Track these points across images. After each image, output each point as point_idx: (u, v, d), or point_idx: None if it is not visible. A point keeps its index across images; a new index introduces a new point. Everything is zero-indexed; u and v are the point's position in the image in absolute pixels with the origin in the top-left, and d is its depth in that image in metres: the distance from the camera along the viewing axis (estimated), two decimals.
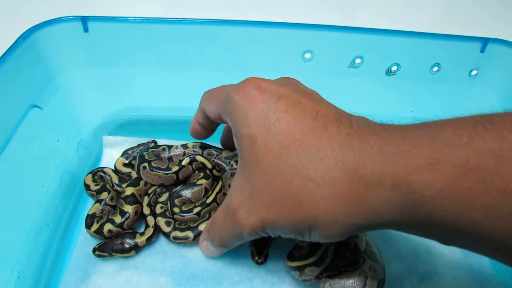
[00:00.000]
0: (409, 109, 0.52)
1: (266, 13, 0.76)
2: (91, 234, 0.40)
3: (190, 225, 0.40)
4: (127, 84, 0.48)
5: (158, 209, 0.42)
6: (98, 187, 0.44)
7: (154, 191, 0.43)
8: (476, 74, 0.47)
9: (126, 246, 0.39)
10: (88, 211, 0.42)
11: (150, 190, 0.43)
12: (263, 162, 0.27)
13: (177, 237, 0.39)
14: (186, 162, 0.43)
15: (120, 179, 0.45)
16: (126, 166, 0.46)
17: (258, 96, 0.28)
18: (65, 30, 0.41)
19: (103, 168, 0.46)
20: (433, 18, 0.81)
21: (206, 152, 0.45)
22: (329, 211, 0.24)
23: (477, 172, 0.19)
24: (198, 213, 0.41)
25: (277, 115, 0.27)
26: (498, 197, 0.18)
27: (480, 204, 0.19)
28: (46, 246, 0.40)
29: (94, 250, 0.39)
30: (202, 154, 0.45)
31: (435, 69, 0.47)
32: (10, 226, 0.36)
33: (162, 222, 0.40)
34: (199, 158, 0.43)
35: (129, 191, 0.42)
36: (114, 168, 0.46)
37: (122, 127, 0.52)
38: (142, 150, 0.46)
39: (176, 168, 0.42)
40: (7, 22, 0.66)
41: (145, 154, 0.44)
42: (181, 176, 0.43)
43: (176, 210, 0.41)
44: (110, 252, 0.39)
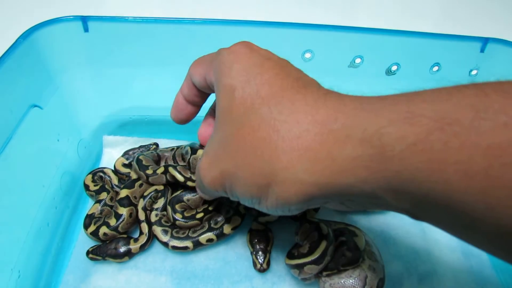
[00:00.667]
0: None
1: (266, 13, 0.76)
2: (88, 235, 0.40)
3: (189, 234, 0.39)
4: (127, 84, 0.48)
5: (153, 217, 0.41)
6: (97, 188, 0.44)
7: (149, 194, 0.42)
8: (476, 74, 0.47)
9: (120, 251, 0.38)
10: (87, 211, 0.42)
11: (146, 193, 0.42)
12: (235, 111, 0.26)
13: (176, 246, 0.39)
14: (160, 171, 0.41)
15: (119, 180, 0.45)
16: (125, 166, 0.46)
17: (247, 53, 0.27)
18: (65, 30, 0.41)
19: (103, 168, 0.46)
20: (433, 18, 0.81)
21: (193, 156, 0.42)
22: (289, 167, 0.23)
23: (453, 125, 0.18)
24: (201, 219, 0.40)
25: (260, 70, 0.26)
26: (472, 153, 0.17)
27: (453, 160, 0.17)
28: (46, 246, 0.40)
29: (87, 253, 0.39)
30: (184, 161, 0.43)
31: (435, 69, 0.46)
32: (11, 226, 0.36)
33: (158, 231, 0.40)
34: (171, 170, 0.41)
35: (123, 194, 0.41)
36: (114, 168, 0.46)
37: (122, 127, 0.52)
38: (141, 152, 0.46)
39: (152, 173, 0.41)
40: (7, 22, 0.66)
41: (142, 158, 0.43)
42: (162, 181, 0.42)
43: (178, 216, 0.40)
44: (104, 256, 0.38)
